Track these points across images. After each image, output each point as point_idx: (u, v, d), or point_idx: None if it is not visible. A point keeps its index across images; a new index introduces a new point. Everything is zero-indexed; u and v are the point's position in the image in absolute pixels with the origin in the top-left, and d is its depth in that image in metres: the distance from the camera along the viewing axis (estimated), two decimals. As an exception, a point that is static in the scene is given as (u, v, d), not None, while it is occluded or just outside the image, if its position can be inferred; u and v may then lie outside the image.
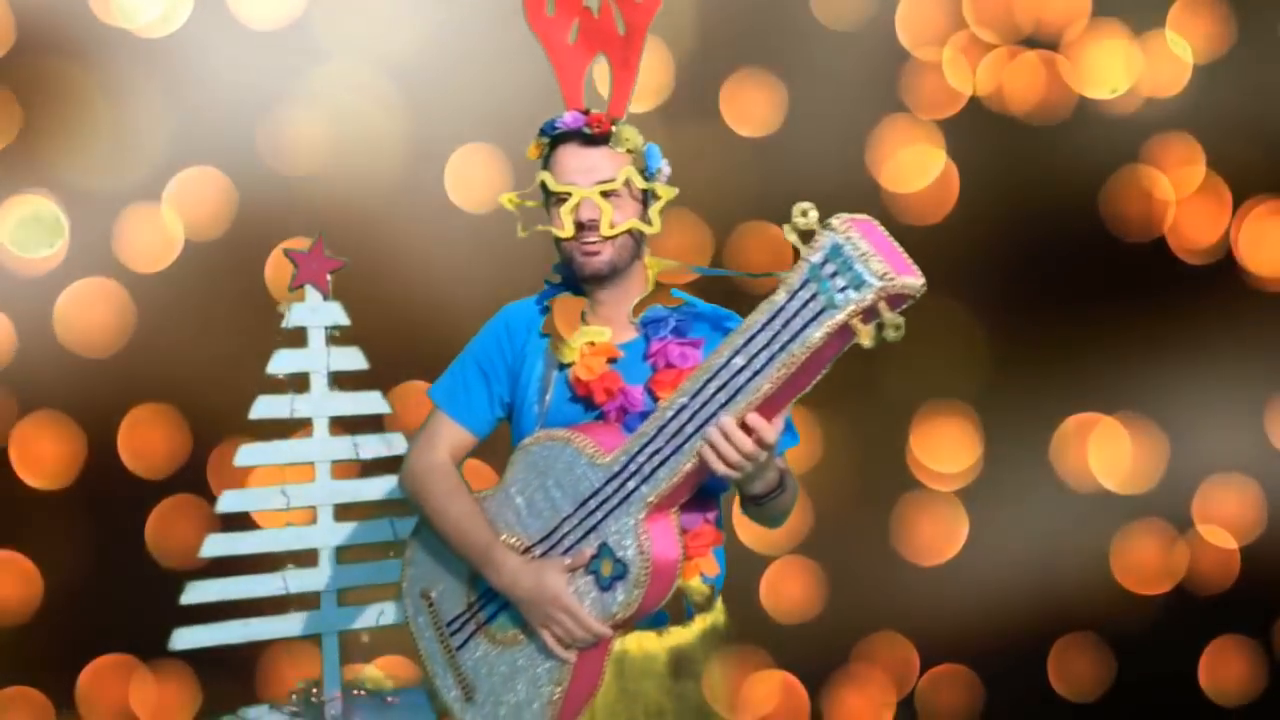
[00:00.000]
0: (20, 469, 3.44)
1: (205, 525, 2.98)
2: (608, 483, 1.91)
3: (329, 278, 2.92)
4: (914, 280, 1.70)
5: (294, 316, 2.90)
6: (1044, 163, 3.96)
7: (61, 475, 3.48)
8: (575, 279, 2.10)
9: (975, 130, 3.93)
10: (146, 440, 3.53)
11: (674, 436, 1.85)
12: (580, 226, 2.01)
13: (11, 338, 3.42)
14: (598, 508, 1.92)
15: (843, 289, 1.70)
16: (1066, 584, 4.02)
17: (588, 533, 1.93)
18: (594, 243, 2.01)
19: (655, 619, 2.01)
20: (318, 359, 2.92)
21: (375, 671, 2.96)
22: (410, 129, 3.63)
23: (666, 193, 2.05)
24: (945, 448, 3.98)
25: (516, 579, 1.96)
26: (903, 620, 3.94)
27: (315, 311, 2.92)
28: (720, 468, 1.83)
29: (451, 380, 2.17)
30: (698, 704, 2.03)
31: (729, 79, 3.81)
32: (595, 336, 2.05)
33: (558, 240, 2.06)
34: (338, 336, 2.93)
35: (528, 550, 1.99)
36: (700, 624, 2.06)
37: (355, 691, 2.96)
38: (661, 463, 1.87)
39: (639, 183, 2.03)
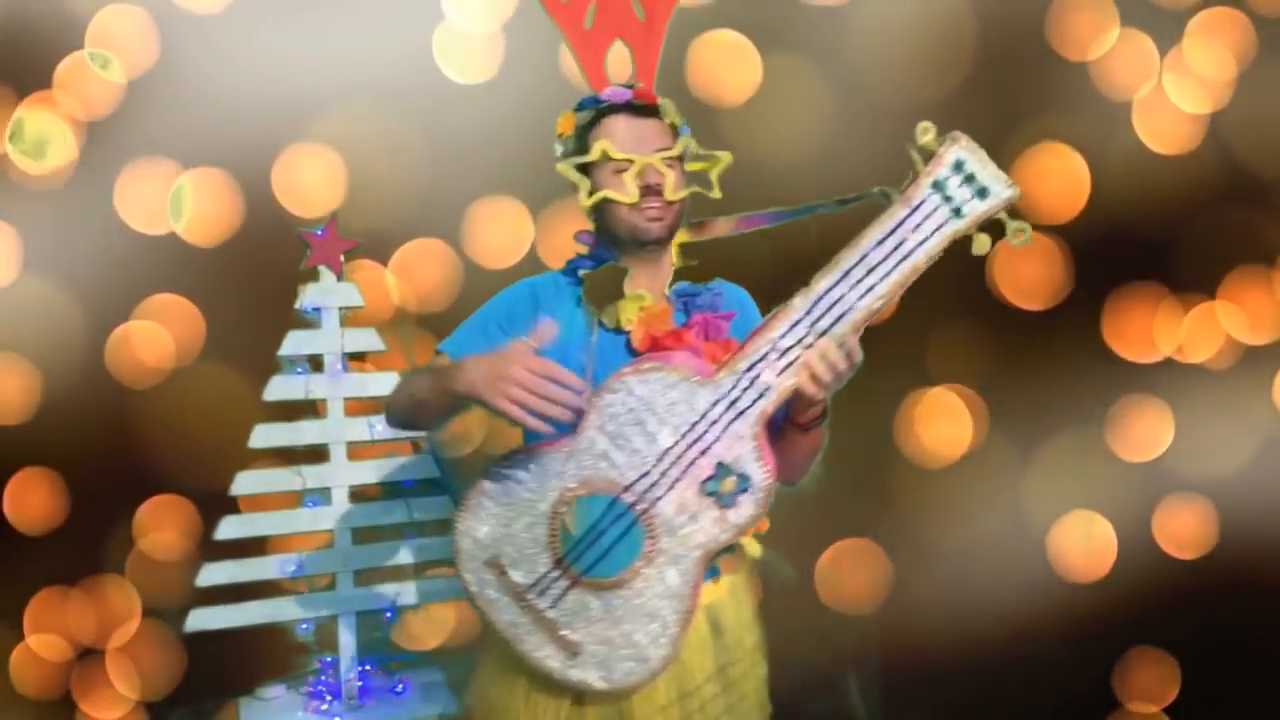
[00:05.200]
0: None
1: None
2: (715, 404, 1.92)
3: (343, 258, 2.93)
4: (1018, 190, 1.86)
5: (308, 298, 2.91)
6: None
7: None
8: (621, 247, 2.09)
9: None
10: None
11: (785, 354, 1.90)
12: (646, 191, 2.04)
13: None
14: (708, 429, 1.92)
15: (969, 199, 1.84)
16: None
17: (700, 456, 1.92)
18: (658, 208, 2.05)
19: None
20: (332, 340, 2.93)
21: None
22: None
23: (725, 158, 2.13)
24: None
25: (473, 364, 1.87)
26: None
27: (329, 293, 2.93)
28: (811, 389, 1.90)
29: (466, 334, 2.10)
30: (737, 660, 2.09)
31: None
32: (642, 301, 2.07)
33: (602, 208, 2.06)
34: (352, 317, 2.95)
35: (627, 489, 1.93)
36: (729, 579, 2.11)
37: (369, 669, 2.98)
38: (776, 376, 1.91)
39: (696, 151, 2.10)
